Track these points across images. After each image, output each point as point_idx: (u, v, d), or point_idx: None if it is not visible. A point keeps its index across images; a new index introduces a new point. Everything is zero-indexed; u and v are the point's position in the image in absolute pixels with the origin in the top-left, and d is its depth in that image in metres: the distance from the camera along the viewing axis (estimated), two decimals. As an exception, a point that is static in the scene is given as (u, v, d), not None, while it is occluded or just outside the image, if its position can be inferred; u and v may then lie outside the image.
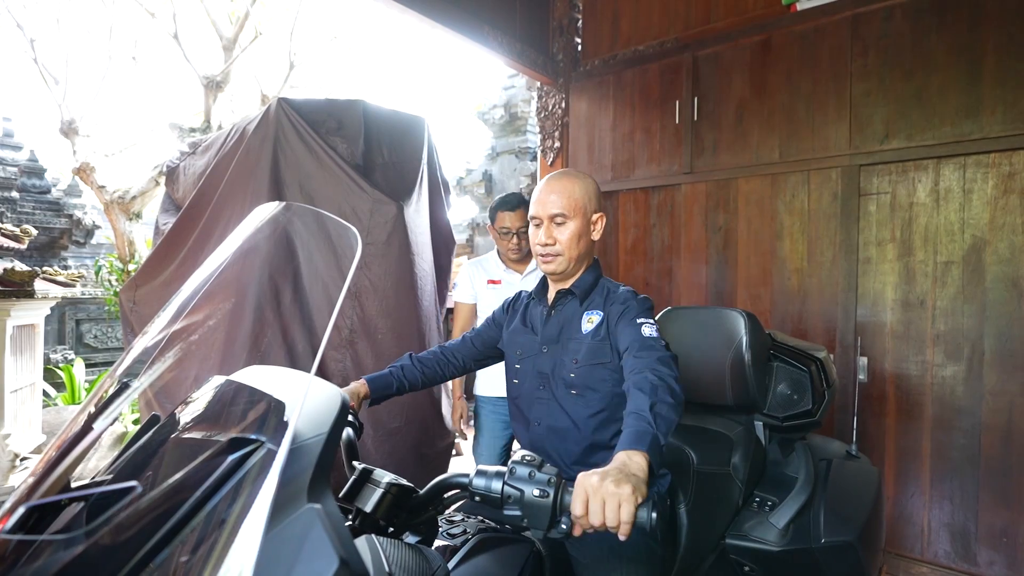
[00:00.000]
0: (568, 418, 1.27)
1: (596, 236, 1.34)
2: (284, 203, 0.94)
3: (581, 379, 1.25)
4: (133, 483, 0.57)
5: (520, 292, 1.52)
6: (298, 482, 0.59)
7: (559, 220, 1.29)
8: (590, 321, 1.28)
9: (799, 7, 2.68)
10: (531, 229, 1.34)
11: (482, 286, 2.56)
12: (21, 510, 0.64)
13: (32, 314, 3.49)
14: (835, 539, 1.32)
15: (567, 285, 1.34)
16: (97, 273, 6.76)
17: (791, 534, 1.33)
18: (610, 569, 1.13)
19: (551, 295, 1.38)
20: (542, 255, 1.32)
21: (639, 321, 1.20)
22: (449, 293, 3.19)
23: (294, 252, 2.36)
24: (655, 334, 1.18)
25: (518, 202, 2.39)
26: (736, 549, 1.36)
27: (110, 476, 0.77)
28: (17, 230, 3.44)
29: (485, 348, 1.49)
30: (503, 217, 2.39)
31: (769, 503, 1.40)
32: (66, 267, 7.04)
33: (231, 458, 0.56)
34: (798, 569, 1.33)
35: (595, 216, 1.34)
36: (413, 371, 1.42)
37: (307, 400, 0.68)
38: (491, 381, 2.42)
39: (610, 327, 1.25)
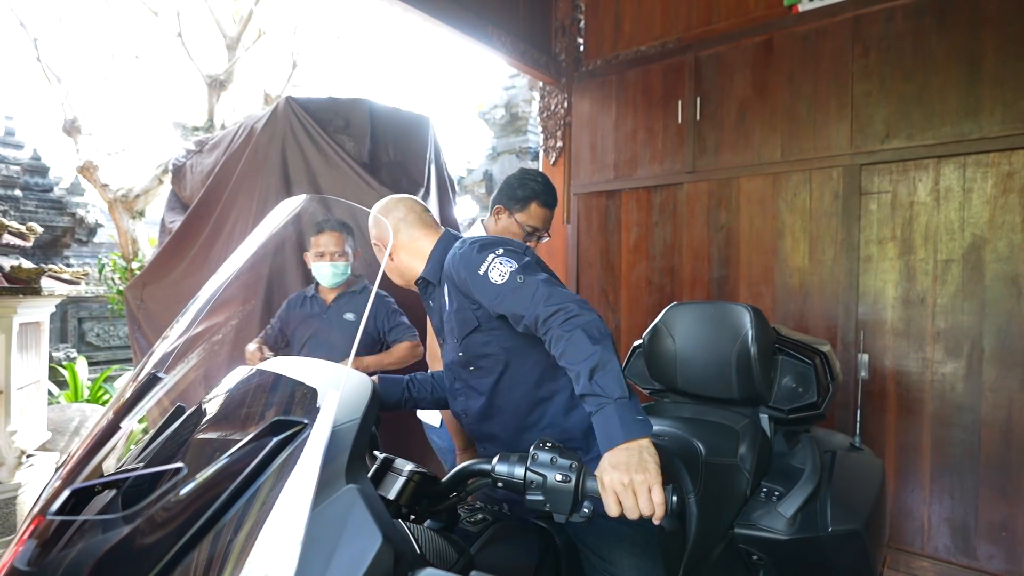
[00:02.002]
0: (480, 395, 1.23)
1: (384, 261, 1.29)
2: (310, 195, 0.97)
3: (470, 353, 1.21)
4: (179, 464, 0.59)
5: None
6: (335, 465, 0.61)
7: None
8: (446, 295, 1.25)
9: (800, 8, 2.71)
10: None
11: None
12: (66, 492, 0.66)
13: (37, 312, 3.50)
14: (842, 527, 1.35)
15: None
16: (100, 271, 6.77)
17: (799, 523, 1.36)
18: (619, 557, 1.16)
19: None
20: None
21: (481, 272, 1.07)
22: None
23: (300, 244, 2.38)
24: (507, 266, 1.05)
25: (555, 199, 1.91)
26: (744, 538, 1.38)
27: (140, 464, 0.79)
28: (23, 228, 3.46)
29: None
30: (537, 213, 1.84)
31: (776, 493, 1.43)
32: (69, 265, 7.05)
33: (275, 440, 0.58)
34: (806, 557, 1.35)
35: (377, 247, 1.36)
36: (425, 383, 1.40)
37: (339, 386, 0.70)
38: None
39: (460, 290, 1.17)
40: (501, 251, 1.08)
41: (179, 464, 0.59)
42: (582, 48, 3.58)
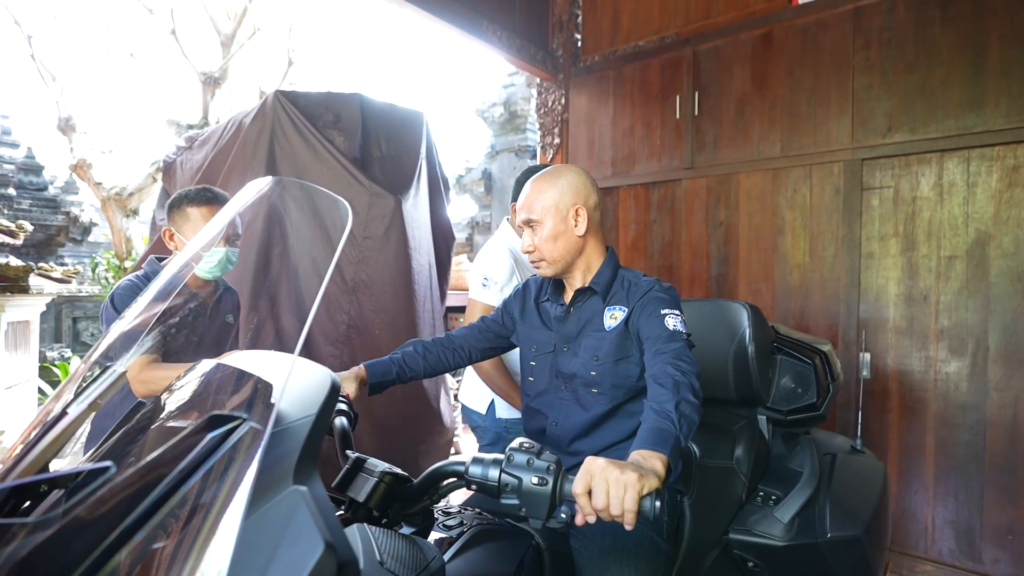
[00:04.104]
0: (588, 416, 1.24)
1: (580, 231, 1.23)
2: (275, 178, 0.91)
3: (603, 376, 1.22)
4: (107, 463, 0.54)
5: (530, 280, 1.44)
6: (284, 465, 0.56)
7: (533, 225, 1.24)
8: (613, 317, 1.23)
9: (800, 0, 2.66)
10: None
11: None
12: (-7, 493, 0.61)
13: (27, 310, 3.46)
14: (842, 533, 1.29)
15: (585, 283, 1.28)
16: (94, 270, 6.73)
17: (796, 528, 1.30)
18: (611, 563, 1.10)
19: (569, 293, 1.32)
20: (532, 261, 1.29)
21: (663, 312, 1.17)
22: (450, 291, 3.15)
23: (284, 233, 2.34)
24: (680, 327, 1.15)
25: None
26: (740, 544, 1.33)
27: (91, 463, 0.74)
28: (12, 225, 3.41)
29: (496, 339, 1.43)
30: None
31: (773, 497, 1.37)
32: (63, 264, 7.01)
33: (210, 436, 0.53)
34: (804, 564, 1.30)
35: (571, 211, 1.23)
36: (415, 358, 1.34)
37: (295, 382, 0.65)
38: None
39: (632, 320, 1.20)
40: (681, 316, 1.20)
41: (107, 463, 0.54)
42: (579, 44, 3.53)
